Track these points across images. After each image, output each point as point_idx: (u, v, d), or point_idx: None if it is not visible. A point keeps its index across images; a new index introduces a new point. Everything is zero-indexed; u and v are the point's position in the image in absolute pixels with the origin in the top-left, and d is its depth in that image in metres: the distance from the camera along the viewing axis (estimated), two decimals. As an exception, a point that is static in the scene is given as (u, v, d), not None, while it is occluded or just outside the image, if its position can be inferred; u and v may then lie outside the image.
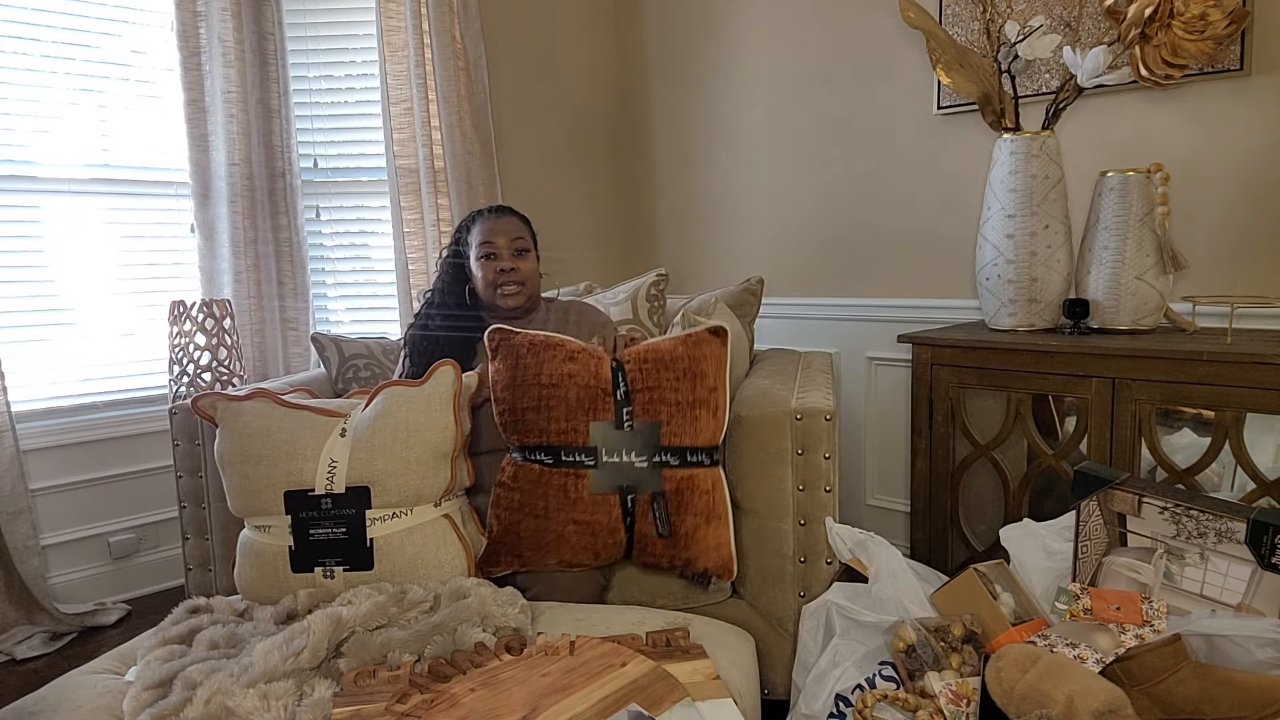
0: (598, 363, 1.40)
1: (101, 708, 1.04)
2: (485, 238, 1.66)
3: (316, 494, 1.29)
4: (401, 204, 2.57)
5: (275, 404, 1.38)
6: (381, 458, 1.31)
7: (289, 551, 1.29)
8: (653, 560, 1.38)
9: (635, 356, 1.41)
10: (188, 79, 2.30)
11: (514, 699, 0.97)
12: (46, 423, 2.24)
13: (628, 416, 1.36)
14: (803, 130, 2.51)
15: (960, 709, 1.09)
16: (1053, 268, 1.74)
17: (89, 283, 2.32)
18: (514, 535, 1.37)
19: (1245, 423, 1.45)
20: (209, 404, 1.39)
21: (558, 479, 1.36)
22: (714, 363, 1.41)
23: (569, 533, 1.35)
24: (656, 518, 1.34)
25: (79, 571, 2.31)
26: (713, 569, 1.38)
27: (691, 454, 1.37)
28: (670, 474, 1.36)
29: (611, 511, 1.35)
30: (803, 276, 2.58)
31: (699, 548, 1.36)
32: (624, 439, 1.35)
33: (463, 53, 2.58)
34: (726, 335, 1.44)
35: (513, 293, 1.65)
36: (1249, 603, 1.12)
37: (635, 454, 1.35)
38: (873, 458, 2.44)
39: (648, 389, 1.37)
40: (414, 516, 1.32)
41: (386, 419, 1.34)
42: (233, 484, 1.34)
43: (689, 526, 1.35)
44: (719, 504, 1.38)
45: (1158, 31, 1.69)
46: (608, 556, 1.38)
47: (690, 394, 1.38)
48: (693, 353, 1.41)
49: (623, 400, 1.37)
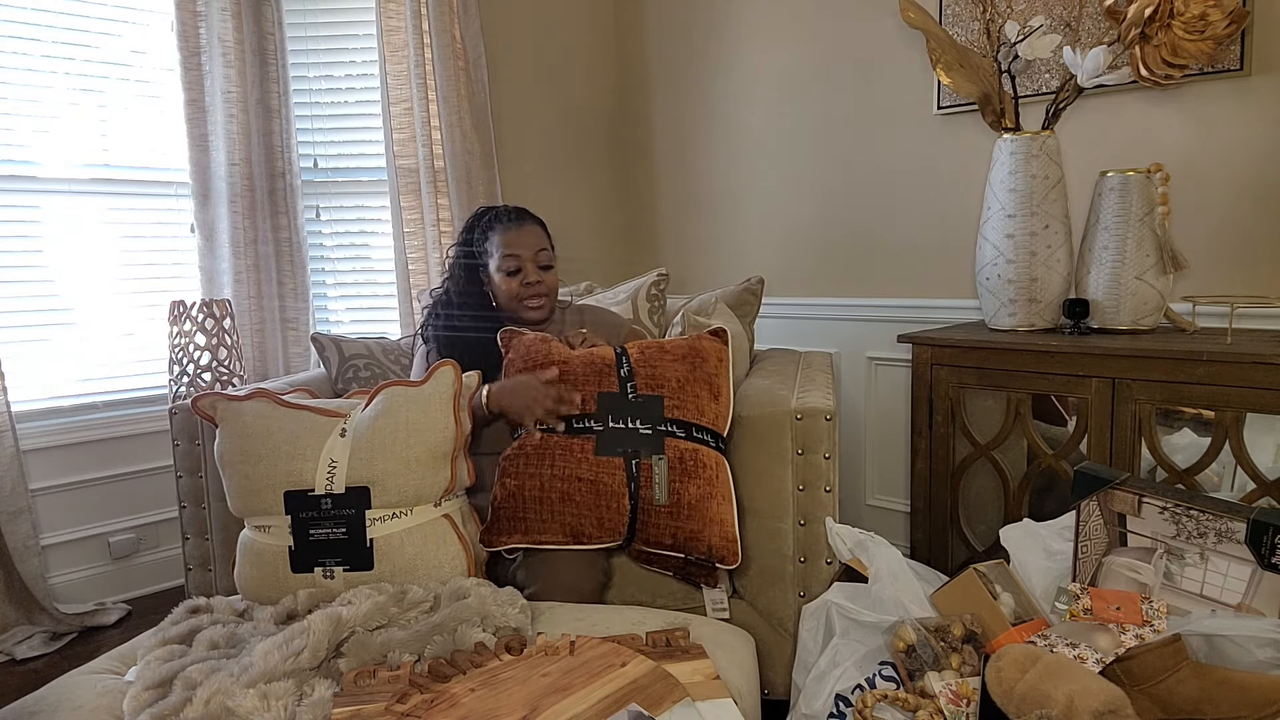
0: (603, 350, 1.51)
1: (101, 708, 1.04)
2: (510, 249, 1.63)
3: (316, 494, 1.29)
4: (401, 204, 2.57)
5: (275, 404, 1.38)
6: (382, 458, 1.30)
7: (289, 552, 1.29)
8: (655, 537, 1.38)
9: (637, 347, 1.52)
10: (188, 79, 2.30)
11: (514, 699, 0.97)
12: (46, 423, 2.24)
13: (632, 390, 1.43)
14: (803, 130, 2.51)
15: (960, 709, 1.09)
16: (1053, 268, 1.74)
17: (89, 283, 2.32)
18: (519, 500, 1.39)
19: (1245, 423, 1.45)
20: (209, 404, 1.39)
21: (565, 442, 1.41)
22: (713, 353, 1.51)
23: (574, 490, 1.37)
24: (656, 482, 1.36)
25: (79, 571, 2.31)
26: (716, 546, 1.37)
27: (696, 430, 1.42)
28: (674, 443, 1.40)
29: (616, 474, 1.37)
30: (803, 276, 2.58)
31: (701, 519, 1.36)
32: (629, 406, 1.42)
33: (463, 53, 2.58)
34: (726, 334, 1.54)
35: (537, 306, 1.65)
36: (1249, 603, 1.12)
37: (640, 422, 1.41)
38: (873, 458, 2.44)
39: (649, 365, 1.46)
40: (414, 517, 1.32)
41: (387, 419, 1.34)
42: (233, 484, 1.34)
43: (692, 495, 1.36)
44: (722, 484, 1.41)
45: (1158, 31, 1.69)
46: (612, 526, 1.38)
47: (689, 373, 1.46)
48: (692, 344, 1.51)
49: (627, 376, 1.45)
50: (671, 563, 1.42)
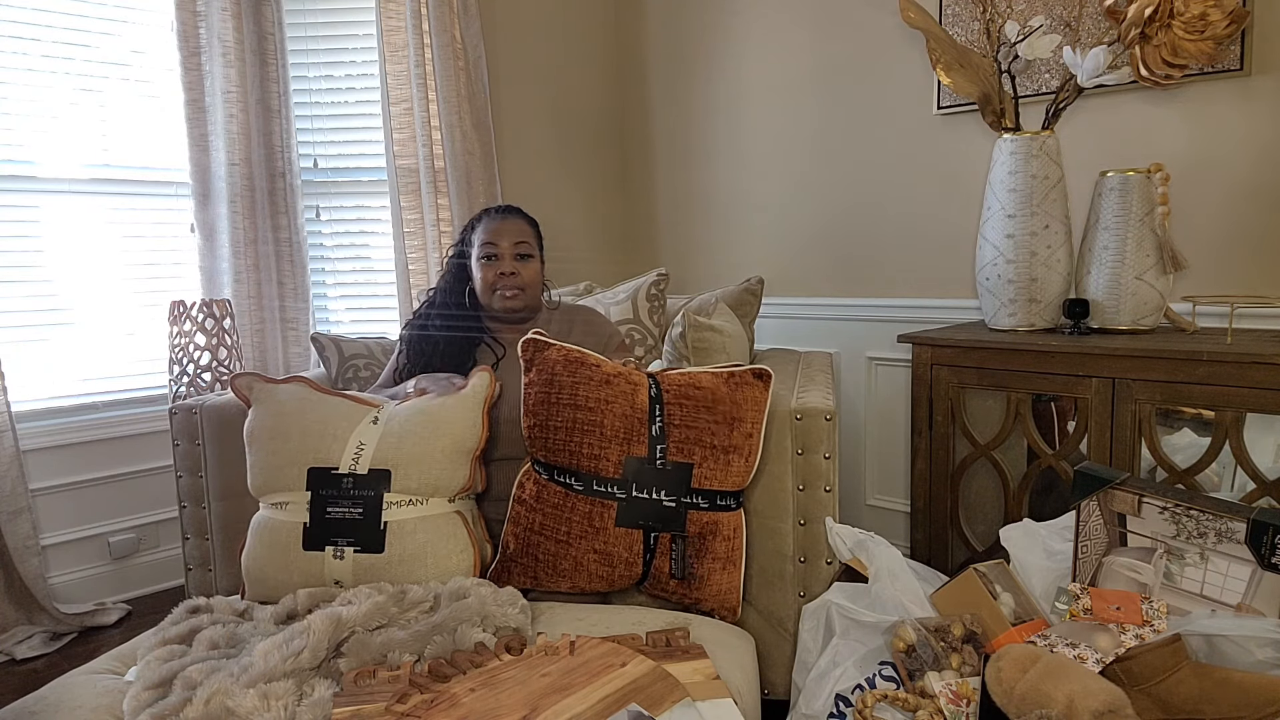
0: (634, 390, 1.36)
1: (101, 708, 1.04)
2: (488, 238, 1.62)
3: (340, 473, 1.31)
4: (401, 204, 2.57)
5: (312, 389, 1.42)
6: (410, 443, 1.34)
7: (303, 529, 1.30)
8: (662, 594, 1.39)
9: (675, 389, 1.37)
10: (188, 79, 2.30)
11: (514, 699, 0.97)
12: (46, 423, 2.24)
13: (661, 454, 1.33)
14: (803, 130, 2.51)
15: (960, 709, 1.09)
16: (1053, 268, 1.74)
17: (89, 283, 2.32)
18: (531, 556, 1.36)
19: (1245, 423, 1.45)
20: (246, 383, 1.42)
21: (584, 506, 1.33)
22: (753, 408, 1.39)
23: (588, 560, 1.34)
24: (674, 560, 1.33)
25: (79, 571, 2.31)
26: (718, 611, 1.38)
27: (721, 498, 1.36)
28: (696, 516, 1.34)
29: (633, 546, 1.33)
30: (803, 276, 2.58)
31: (709, 591, 1.36)
32: (656, 476, 1.33)
33: (463, 53, 2.58)
34: (770, 379, 1.41)
35: (511, 296, 1.62)
36: (1249, 603, 1.12)
37: (665, 493, 1.33)
38: (873, 458, 2.44)
39: (685, 427, 1.34)
40: (428, 507, 1.34)
41: (422, 412, 1.38)
42: (257, 460, 1.36)
43: (705, 570, 1.35)
44: (737, 550, 1.38)
45: (1158, 31, 1.69)
46: (620, 585, 1.38)
47: (727, 439, 1.35)
48: (734, 396, 1.38)
49: (658, 436, 1.34)
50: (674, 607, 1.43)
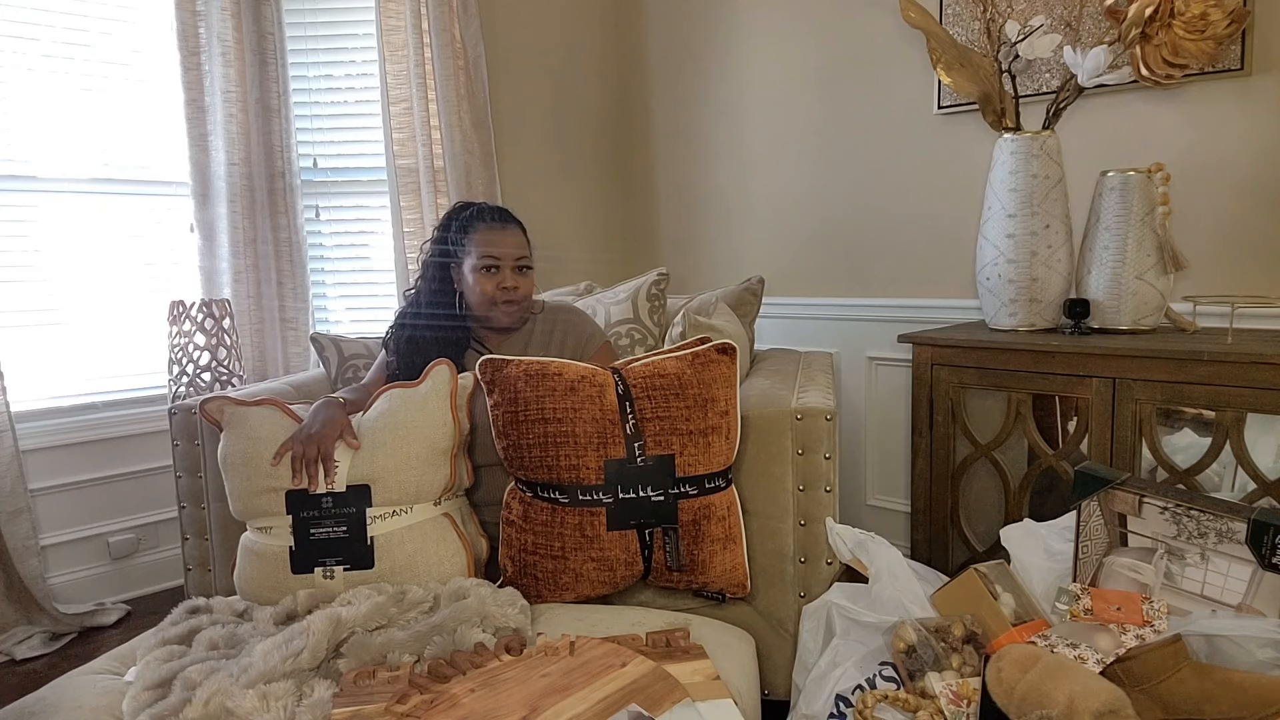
0: (600, 391, 1.33)
1: (101, 708, 1.04)
2: (488, 249, 1.57)
3: (317, 493, 1.29)
4: (401, 204, 2.57)
5: (283, 413, 1.39)
6: (382, 455, 1.31)
7: (289, 552, 1.29)
8: (669, 585, 1.39)
9: (641, 382, 1.35)
10: (187, 79, 2.30)
11: (514, 699, 0.97)
12: (46, 423, 2.24)
13: (640, 451, 1.31)
14: (803, 129, 2.51)
15: (960, 709, 1.09)
16: (1053, 267, 1.74)
17: (88, 283, 2.32)
18: (531, 576, 1.35)
19: (1246, 423, 1.45)
20: (216, 407, 1.40)
21: (573, 518, 1.32)
22: (724, 384, 1.37)
23: (587, 570, 1.33)
24: (667, 553, 1.33)
25: (78, 571, 2.31)
26: (727, 589, 1.39)
27: (709, 480, 1.35)
28: (688, 505, 1.33)
29: (630, 547, 1.33)
30: (803, 276, 2.58)
31: (714, 572, 1.36)
32: (639, 474, 1.31)
33: (463, 52, 2.58)
34: (735, 353, 1.40)
35: (511, 312, 1.60)
36: (1249, 603, 1.12)
37: (652, 488, 1.31)
38: (873, 458, 2.43)
39: (659, 418, 1.32)
40: (414, 514, 1.33)
41: (387, 418, 1.35)
42: (235, 486, 1.34)
43: (705, 554, 1.35)
44: (734, 527, 1.38)
45: (1158, 31, 1.69)
46: (625, 584, 1.38)
47: (703, 421, 1.34)
48: (702, 376, 1.36)
49: (633, 434, 1.31)
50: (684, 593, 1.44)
